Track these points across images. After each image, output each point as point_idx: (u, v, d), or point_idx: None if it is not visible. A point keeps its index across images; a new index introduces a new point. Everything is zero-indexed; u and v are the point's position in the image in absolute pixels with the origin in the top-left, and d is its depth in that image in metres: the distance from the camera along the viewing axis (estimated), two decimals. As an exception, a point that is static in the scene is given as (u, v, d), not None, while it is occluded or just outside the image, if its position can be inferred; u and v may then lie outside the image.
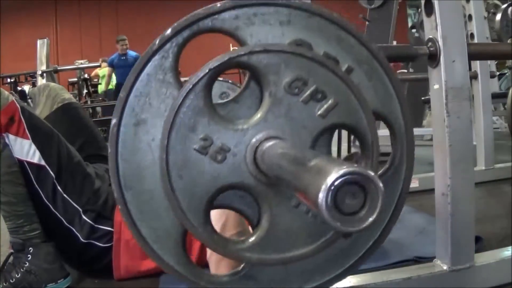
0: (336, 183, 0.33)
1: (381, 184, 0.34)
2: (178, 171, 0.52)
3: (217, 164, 0.53)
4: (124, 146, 0.55)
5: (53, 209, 1.17)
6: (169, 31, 0.55)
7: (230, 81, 1.53)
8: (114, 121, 0.55)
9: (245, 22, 0.56)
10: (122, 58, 6.05)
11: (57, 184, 1.17)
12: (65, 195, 1.18)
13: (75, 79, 6.50)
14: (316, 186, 0.33)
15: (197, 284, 0.58)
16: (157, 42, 0.55)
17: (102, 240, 1.20)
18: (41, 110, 1.44)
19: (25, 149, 1.13)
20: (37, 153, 1.14)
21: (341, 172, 0.33)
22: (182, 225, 0.55)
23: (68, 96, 1.55)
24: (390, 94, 0.61)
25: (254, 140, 0.53)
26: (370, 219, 0.35)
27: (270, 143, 0.52)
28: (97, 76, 6.88)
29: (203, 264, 1.22)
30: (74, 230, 1.18)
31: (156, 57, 0.55)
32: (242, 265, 0.59)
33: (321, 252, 0.57)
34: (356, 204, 0.35)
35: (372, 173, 0.34)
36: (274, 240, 0.55)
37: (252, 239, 0.55)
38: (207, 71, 0.52)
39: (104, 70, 6.72)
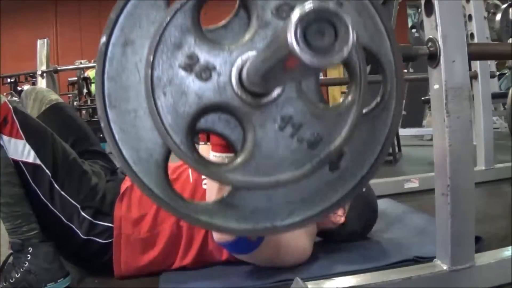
0: (302, 18, 0.33)
1: (349, 18, 0.34)
2: (163, 88, 0.53)
3: (201, 83, 0.53)
4: (111, 65, 0.55)
5: (51, 207, 1.17)
6: None
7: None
8: (103, 39, 0.55)
9: None
10: None
11: (53, 182, 1.17)
12: (62, 192, 1.18)
13: (75, 79, 6.50)
14: (283, 35, 0.34)
15: (176, 210, 0.57)
16: None
17: (102, 236, 1.20)
18: (30, 113, 1.44)
19: (20, 149, 1.13)
20: (32, 153, 1.14)
21: (306, 7, 0.33)
22: (165, 146, 0.55)
23: (55, 97, 1.56)
24: (379, 30, 0.61)
25: (239, 59, 0.53)
26: (345, 49, 0.35)
27: (252, 57, 0.52)
28: (88, 78, 6.82)
29: (203, 264, 1.23)
30: (73, 227, 1.19)
31: None
32: (224, 193, 0.59)
33: (305, 180, 0.57)
34: (327, 40, 0.35)
35: (337, 8, 0.34)
36: (257, 163, 0.55)
37: (236, 161, 0.55)
38: None
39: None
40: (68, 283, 1.19)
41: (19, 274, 1.13)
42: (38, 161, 1.15)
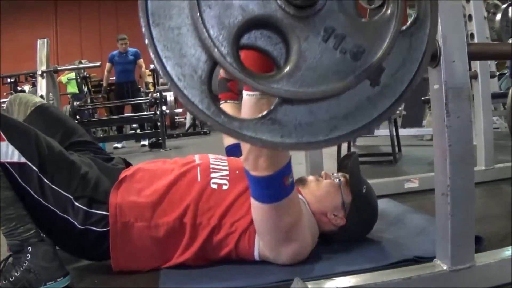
0: None
1: None
2: (208, 1, 0.54)
3: None
4: None
5: (44, 202, 1.17)
6: None
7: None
8: None
9: None
10: (122, 55, 6.06)
11: (42, 177, 1.17)
12: (53, 186, 1.18)
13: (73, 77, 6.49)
14: None
15: (221, 125, 0.58)
16: None
17: (99, 224, 1.20)
18: (17, 118, 1.45)
19: (3, 151, 1.12)
20: (16, 152, 1.14)
21: None
22: (209, 62, 0.56)
23: (38, 99, 1.57)
24: None
25: None
26: None
27: None
28: (60, 82, 6.78)
29: (203, 261, 1.23)
30: (69, 218, 1.18)
31: None
32: (268, 110, 0.59)
33: (348, 93, 0.59)
34: None
35: None
36: (303, 74, 0.56)
37: (281, 72, 0.56)
38: None
39: (68, 77, 6.69)
40: (68, 282, 1.19)
41: (19, 273, 1.13)
42: (23, 159, 1.14)
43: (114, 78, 6.37)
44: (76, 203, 1.19)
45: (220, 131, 0.58)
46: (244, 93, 0.93)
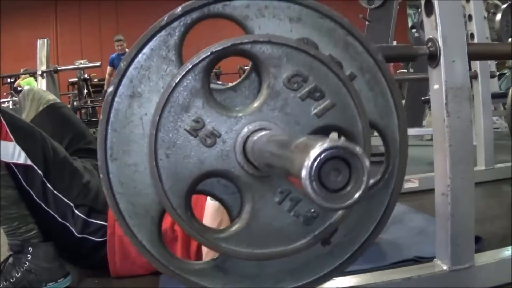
0: (319, 157, 0.32)
1: (366, 160, 0.33)
2: (166, 149, 0.52)
3: (205, 148, 0.53)
4: (116, 116, 0.55)
5: (45, 207, 1.17)
6: (179, 9, 0.55)
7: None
8: (110, 89, 0.54)
9: (255, 12, 0.56)
10: (121, 57, 6.03)
11: (46, 182, 1.17)
12: (55, 191, 1.18)
13: (75, 79, 6.47)
14: (300, 161, 0.33)
15: (166, 268, 0.57)
16: (165, 18, 0.55)
17: (97, 234, 1.20)
18: (27, 114, 1.45)
19: (10, 152, 1.12)
20: (23, 154, 1.14)
21: (325, 146, 0.32)
22: (162, 205, 0.55)
23: (52, 97, 1.57)
24: (389, 107, 0.61)
25: (246, 129, 0.53)
26: (356, 196, 0.34)
27: (261, 133, 0.51)
28: (19, 86, 6.71)
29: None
30: (68, 225, 1.19)
31: (162, 33, 0.55)
32: (217, 257, 0.59)
33: (297, 255, 0.57)
34: (341, 180, 0.34)
35: (357, 148, 0.33)
36: (252, 234, 0.55)
37: (230, 230, 0.55)
38: (208, 53, 0.52)
39: (27, 81, 6.60)
40: (69, 283, 1.19)
41: (19, 274, 1.13)
42: (29, 162, 1.14)
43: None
44: (76, 211, 1.19)
45: (164, 273, 0.58)
46: (208, 198, 0.94)
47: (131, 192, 0.55)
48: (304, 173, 0.32)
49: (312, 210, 0.55)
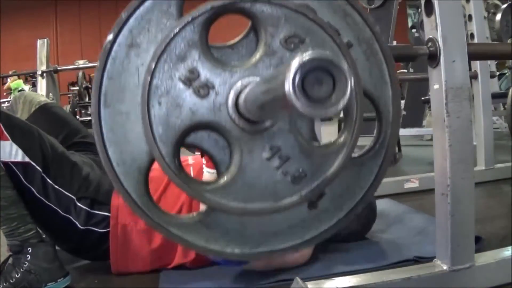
0: (300, 67, 0.33)
1: (348, 68, 0.34)
2: (159, 97, 0.53)
3: (198, 99, 0.53)
4: (113, 64, 0.55)
5: (46, 202, 1.17)
6: None
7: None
8: (109, 37, 0.55)
9: None
10: None
11: (46, 177, 1.17)
12: (56, 186, 1.18)
13: (77, 88, 6.43)
14: (283, 77, 0.34)
15: (149, 218, 0.57)
16: None
17: (100, 225, 1.21)
18: (20, 116, 1.45)
19: (7, 150, 1.12)
20: (20, 152, 1.14)
21: (305, 57, 0.33)
22: (150, 155, 0.55)
23: (43, 98, 1.58)
24: (384, 79, 0.61)
25: (239, 83, 0.53)
26: (342, 102, 0.35)
27: (253, 84, 0.52)
28: (9, 89, 6.67)
29: (204, 262, 1.23)
30: (71, 218, 1.19)
31: None
32: (200, 211, 0.59)
33: (282, 213, 0.57)
34: (325, 90, 0.35)
35: (336, 57, 0.34)
36: (238, 188, 0.55)
37: (217, 183, 0.55)
38: (209, 8, 0.53)
39: (16, 83, 6.60)
40: (68, 282, 1.19)
41: (19, 274, 1.13)
42: (27, 159, 1.14)
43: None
44: (79, 204, 1.20)
45: (147, 224, 0.57)
46: (205, 169, 0.93)
47: (120, 139, 0.56)
48: (287, 85, 0.33)
49: (301, 170, 0.56)
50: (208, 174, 0.92)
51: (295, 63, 0.33)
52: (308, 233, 0.61)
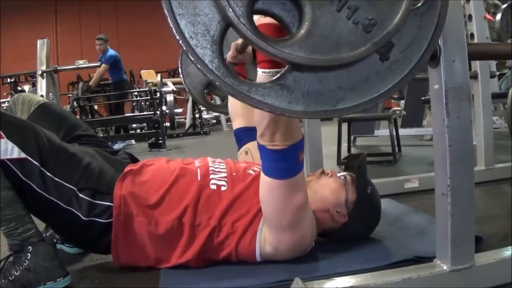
0: None
1: None
2: None
3: None
4: None
5: (47, 196, 1.17)
6: None
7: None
8: None
9: None
10: (102, 59, 5.95)
11: (44, 171, 1.17)
12: (56, 178, 1.18)
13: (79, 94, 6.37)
14: None
15: (229, 86, 0.58)
16: None
17: (103, 216, 1.20)
18: (20, 116, 1.45)
19: (2, 148, 1.12)
20: (16, 148, 1.13)
21: None
22: (222, 23, 0.57)
23: (41, 98, 1.58)
24: None
25: None
26: None
27: None
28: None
29: (205, 261, 1.23)
30: (73, 210, 1.18)
31: None
32: (278, 74, 0.60)
33: (357, 65, 0.59)
34: None
35: None
36: (314, 40, 0.57)
37: (293, 38, 0.57)
38: None
39: None
40: (68, 282, 1.19)
41: (18, 272, 1.13)
42: (23, 155, 1.14)
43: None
44: (80, 195, 1.19)
45: (228, 92, 0.59)
46: (259, 70, 0.91)
47: (190, 12, 0.57)
48: None
49: (370, 18, 0.58)
50: (263, 75, 0.90)
51: None
52: (384, 85, 0.63)
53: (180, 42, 0.57)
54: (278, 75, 0.60)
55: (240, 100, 0.60)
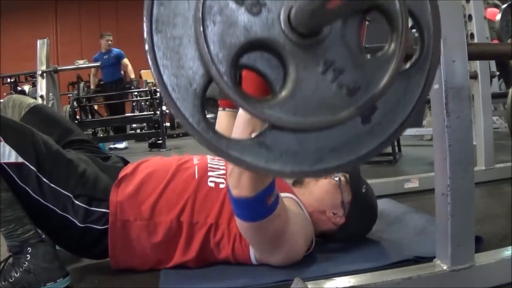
0: None
1: None
2: (213, 16, 0.54)
3: (251, 16, 0.55)
4: None
5: (43, 202, 1.16)
6: None
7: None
8: None
9: None
10: (105, 57, 5.94)
11: (41, 177, 1.16)
12: (52, 185, 1.17)
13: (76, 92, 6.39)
14: None
15: (209, 142, 0.58)
16: None
17: (99, 222, 1.20)
18: None
19: (0, 152, 1.12)
20: (13, 152, 1.13)
21: None
22: (205, 77, 0.56)
23: (32, 101, 1.57)
24: None
25: None
26: None
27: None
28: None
29: (205, 262, 1.23)
30: (69, 216, 1.18)
31: None
32: (259, 132, 0.59)
33: (338, 128, 0.59)
34: None
35: None
36: (296, 102, 0.56)
37: (275, 98, 0.56)
38: None
39: None
40: (68, 283, 1.19)
41: (18, 274, 1.13)
42: (20, 159, 1.13)
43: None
44: (76, 201, 1.19)
45: (206, 148, 0.58)
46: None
47: (174, 64, 0.57)
48: None
49: (355, 81, 0.57)
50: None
51: None
52: (363, 148, 0.62)
53: (162, 94, 0.56)
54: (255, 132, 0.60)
55: (219, 156, 0.59)
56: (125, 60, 6.15)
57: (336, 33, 0.57)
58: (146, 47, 0.56)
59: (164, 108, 5.33)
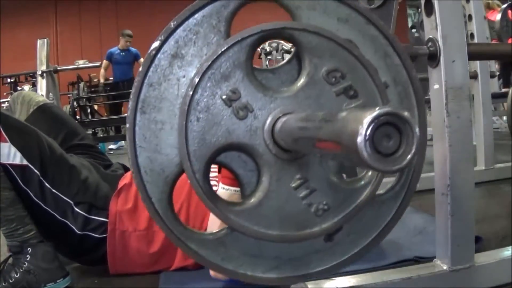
0: (373, 123, 0.33)
1: (416, 125, 0.35)
2: (198, 113, 0.53)
3: (236, 120, 0.54)
4: (154, 71, 0.55)
5: (44, 206, 1.17)
6: None
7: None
8: (155, 45, 0.55)
9: (308, 5, 0.57)
10: (122, 54, 5.93)
11: (43, 181, 1.16)
12: (53, 190, 1.17)
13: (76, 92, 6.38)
14: (351, 130, 0.34)
15: (170, 231, 0.58)
16: None
17: (98, 231, 1.20)
18: (19, 117, 1.45)
19: (5, 152, 1.11)
20: (18, 154, 1.13)
21: (378, 112, 0.33)
22: (179, 167, 0.56)
23: (41, 98, 1.57)
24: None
25: (278, 109, 0.54)
26: (408, 158, 0.35)
27: (292, 115, 0.53)
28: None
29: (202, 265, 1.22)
30: (68, 223, 1.18)
31: (218, 3, 0.56)
32: (221, 230, 0.59)
33: (298, 245, 0.58)
34: (392, 145, 0.35)
35: (406, 113, 0.34)
36: (262, 213, 0.55)
37: (242, 205, 0.56)
38: (259, 30, 0.54)
39: None
40: (68, 283, 1.19)
41: (18, 274, 1.13)
42: (25, 162, 1.14)
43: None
44: (76, 209, 1.19)
45: (166, 235, 0.58)
46: (220, 184, 0.94)
47: (152, 148, 0.56)
48: (359, 139, 0.33)
49: (325, 203, 0.56)
50: (222, 190, 0.92)
51: (369, 117, 0.33)
52: (321, 264, 0.62)
53: (134, 174, 0.56)
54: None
55: (176, 245, 0.59)
56: (142, 60, 6.12)
57: (317, 155, 0.56)
58: (127, 125, 0.55)
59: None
